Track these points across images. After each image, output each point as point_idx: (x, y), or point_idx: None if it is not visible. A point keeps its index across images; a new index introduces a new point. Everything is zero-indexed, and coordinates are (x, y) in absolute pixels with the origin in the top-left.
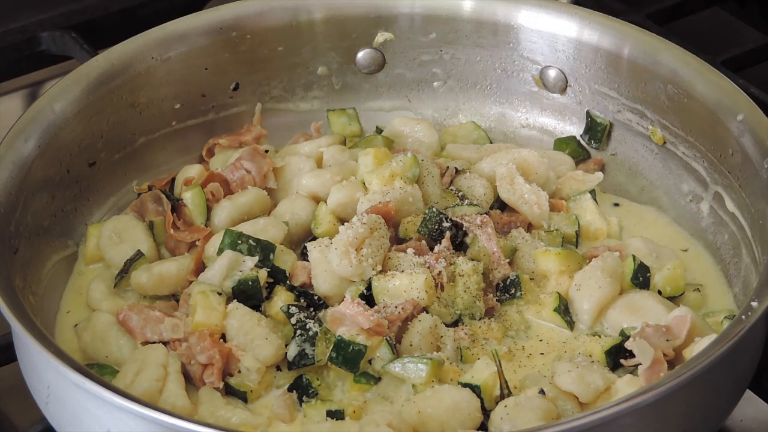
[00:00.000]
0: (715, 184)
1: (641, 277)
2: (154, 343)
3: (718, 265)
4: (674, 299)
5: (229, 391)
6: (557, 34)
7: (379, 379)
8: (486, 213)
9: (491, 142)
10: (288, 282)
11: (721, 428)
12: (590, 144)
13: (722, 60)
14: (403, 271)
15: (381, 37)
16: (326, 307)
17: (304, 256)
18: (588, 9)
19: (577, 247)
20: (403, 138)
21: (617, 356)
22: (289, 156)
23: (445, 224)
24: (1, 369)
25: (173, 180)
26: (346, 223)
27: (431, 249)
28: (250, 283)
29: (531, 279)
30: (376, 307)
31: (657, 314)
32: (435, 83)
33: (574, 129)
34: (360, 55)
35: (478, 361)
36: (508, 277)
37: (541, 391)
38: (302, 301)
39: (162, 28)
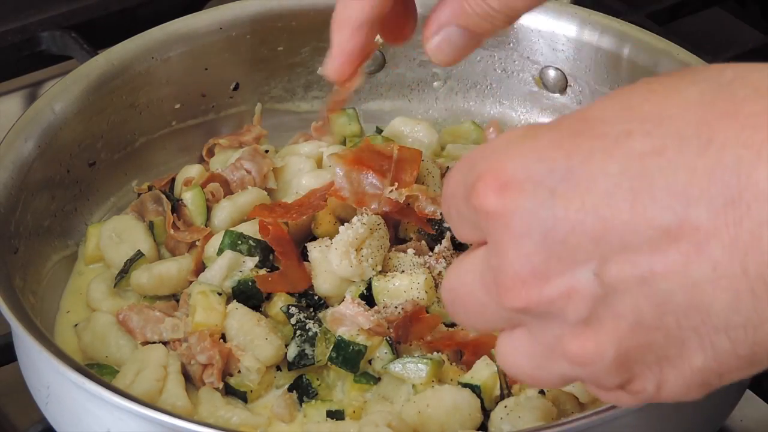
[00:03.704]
0: None
1: None
2: (154, 343)
3: None
4: None
5: (229, 391)
6: (557, 34)
7: (379, 379)
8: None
9: None
10: None
11: (721, 428)
12: None
13: (722, 60)
14: (403, 272)
15: (381, 37)
16: (326, 307)
17: (304, 256)
18: (588, 9)
19: None
20: (403, 138)
21: None
22: (289, 156)
23: (445, 224)
24: (1, 369)
25: (173, 180)
26: (346, 224)
27: (431, 249)
28: (250, 283)
29: None
30: (376, 307)
31: None
32: (435, 83)
33: None
34: None
35: (478, 361)
36: None
37: (541, 392)
38: (302, 301)
39: (162, 28)
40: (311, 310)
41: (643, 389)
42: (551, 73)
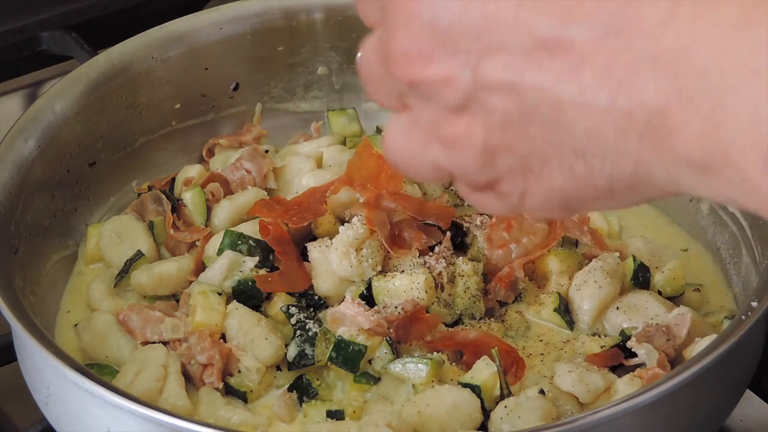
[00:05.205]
0: None
1: (641, 277)
2: (154, 343)
3: (718, 265)
4: (674, 299)
5: (229, 391)
6: None
7: (379, 379)
8: (486, 213)
9: None
10: None
11: (721, 428)
12: None
13: None
14: (403, 272)
15: None
16: (326, 307)
17: (304, 256)
18: None
19: (577, 247)
20: None
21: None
22: (289, 156)
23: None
24: (1, 369)
25: (173, 180)
26: (346, 224)
27: (431, 249)
28: (250, 283)
29: (531, 279)
30: (376, 307)
31: (657, 314)
32: None
33: None
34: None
35: (478, 361)
36: None
37: (541, 392)
38: (302, 301)
39: (162, 28)
40: (311, 310)
41: (509, 193)
42: None
